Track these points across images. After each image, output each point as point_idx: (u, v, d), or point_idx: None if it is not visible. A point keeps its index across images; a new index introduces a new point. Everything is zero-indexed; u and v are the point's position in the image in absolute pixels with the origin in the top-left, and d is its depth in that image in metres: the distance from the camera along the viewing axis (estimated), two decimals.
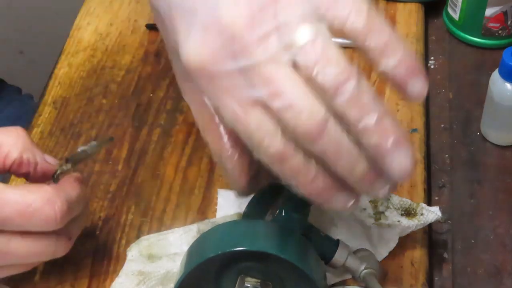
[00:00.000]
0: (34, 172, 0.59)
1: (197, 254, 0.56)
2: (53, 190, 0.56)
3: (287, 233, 0.57)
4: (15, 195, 0.55)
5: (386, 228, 0.67)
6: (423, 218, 0.67)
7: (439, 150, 0.77)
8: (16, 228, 0.56)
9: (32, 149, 0.59)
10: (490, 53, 0.86)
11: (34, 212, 0.55)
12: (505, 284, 0.67)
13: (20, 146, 0.58)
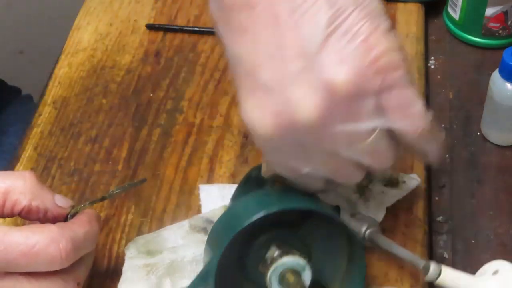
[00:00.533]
0: (44, 218, 0.58)
1: (232, 226, 0.56)
2: (58, 229, 0.55)
3: (311, 196, 0.58)
4: (19, 237, 0.54)
5: (372, 201, 0.68)
6: (405, 186, 0.69)
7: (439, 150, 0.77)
8: (21, 270, 0.55)
9: (42, 195, 0.57)
10: (490, 53, 0.86)
11: (39, 252, 0.54)
12: None
13: (28, 192, 0.57)
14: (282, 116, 0.49)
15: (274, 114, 0.49)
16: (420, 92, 0.80)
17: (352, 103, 0.48)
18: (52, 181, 0.74)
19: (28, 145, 0.77)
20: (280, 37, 0.48)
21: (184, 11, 0.91)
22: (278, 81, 0.49)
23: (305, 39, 0.48)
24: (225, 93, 0.81)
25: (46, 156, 0.76)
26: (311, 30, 0.47)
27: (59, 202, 0.58)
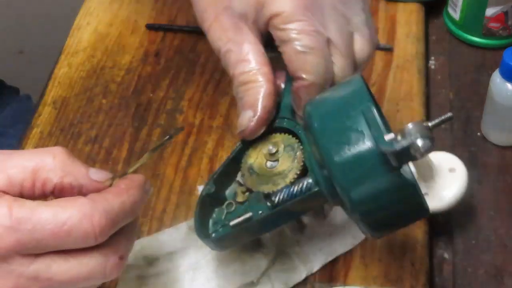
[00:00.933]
0: (80, 195, 0.52)
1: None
2: (89, 202, 0.50)
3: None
4: (47, 214, 0.49)
5: None
6: None
7: (439, 150, 0.77)
8: (53, 249, 0.50)
9: (74, 171, 0.52)
10: (491, 53, 0.86)
11: (70, 230, 0.49)
12: (505, 284, 0.67)
13: (59, 169, 0.52)
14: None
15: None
16: (420, 92, 0.80)
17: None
18: None
19: (28, 145, 0.77)
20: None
21: (184, 11, 0.91)
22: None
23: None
24: (225, 93, 0.81)
25: None
26: None
27: (95, 176, 0.53)
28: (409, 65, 0.83)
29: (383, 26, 0.88)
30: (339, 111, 0.53)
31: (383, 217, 0.53)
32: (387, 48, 0.85)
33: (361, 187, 0.51)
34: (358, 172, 0.51)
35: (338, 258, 0.67)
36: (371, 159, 0.51)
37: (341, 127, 0.52)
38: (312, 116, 0.53)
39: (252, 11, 0.59)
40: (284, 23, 0.58)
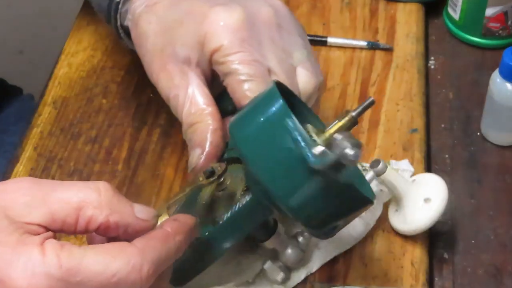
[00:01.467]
0: (124, 234, 0.50)
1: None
2: (139, 253, 0.48)
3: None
4: (97, 266, 0.47)
5: None
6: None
7: (439, 150, 0.77)
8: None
9: (120, 208, 0.50)
10: (490, 53, 0.86)
11: (118, 282, 0.47)
12: (505, 284, 0.67)
13: (105, 207, 0.49)
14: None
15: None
16: (420, 91, 0.80)
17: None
18: None
19: (28, 145, 0.77)
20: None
21: None
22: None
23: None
24: None
25: (46, 156, 0.76)
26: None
27: (141, 214, 0.51)
28: (409, 65, 0.83)
29: (383, 26, 0.88)
30: (262, 129, 0.52)
31: (327, 217, 0.53)
32: (387, 48, 0.85)
33: (297, 196, 0.51)
34: (292, 185, 0.51)
35: (338, 258, 0.67)
36: (301, 171, 0.50)
37: (267, 146, 0.51)
38: (235, 138, 0.53)
39: (194, 53, 0.61)
40: (224, 56, 0.60)
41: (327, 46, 0.86)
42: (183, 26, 0.62)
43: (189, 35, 0.62)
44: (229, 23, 0.60)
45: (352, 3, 0.90)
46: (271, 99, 0.52)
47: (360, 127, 0.77)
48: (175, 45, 0.62)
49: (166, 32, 0.63)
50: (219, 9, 0.61)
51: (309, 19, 0.89)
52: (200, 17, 0.62)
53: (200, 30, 0.61)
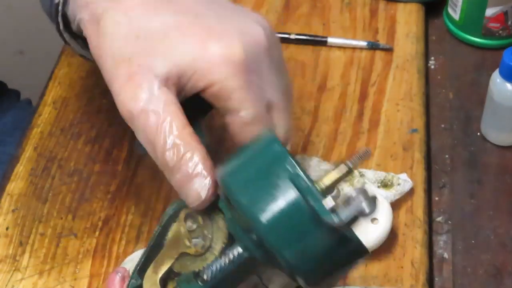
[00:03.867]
0: None
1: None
2: None
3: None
4: None
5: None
6: (400, 188, 0.70)
7: (439, 150, 0.77)
8: None
9: None
10: (490, 53, 0.86)
11: None
12: (505, 284, 0.67)
13: None
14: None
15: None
16: (420, 91, 0.81)
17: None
18: (52, 181, 0.74)
19: (28, 145, 0.77)
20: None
21: None
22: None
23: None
24: None
25: (46, 156, 0.76)
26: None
27: None
28: (409, 65, 0.83)
29: (383, 26, 0.88)
30: (262, 179, 0.50)
31: (324, 270, 0.51)
32: (387, 48, 0.85)
33: (297, 247, 0.49)
34: (292, 233, 0.48)
35: None
36: (309, 226, 0.48)
37: (268, 195, 0.49)
38: (231, 188, 0.51)
39: (175, 73, 0.55)
40: (225, 94, 0.55)
41: (327, 46, 0.86)
42: (168, 40, 0.56)
43: (177, 53, 0.56)
44: (230, 58, 0.55)
45: (352, 3, 0.90)
46: (272, 148, 0.51)
47: (360, 127, 0.77)
48: (152, 56, 0.55)
49: (141, 38, 0.56)
50: (217, 39, 0.56)
51: (309, 19, 0.89)
52: (193, 40, 0.56)
53: (195, 55, 0.55)
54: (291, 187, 0.48)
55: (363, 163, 0.53)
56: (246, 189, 0.50)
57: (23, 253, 0.68)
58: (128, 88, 0.55)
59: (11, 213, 0.71)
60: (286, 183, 0.49)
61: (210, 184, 0.53)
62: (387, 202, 0.67)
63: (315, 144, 0.76)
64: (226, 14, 0.59)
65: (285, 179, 0.49)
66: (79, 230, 0.70)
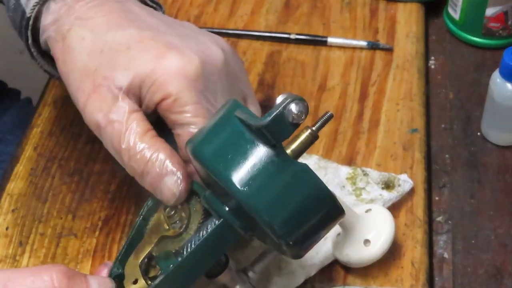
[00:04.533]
0: None
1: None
2: None
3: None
4: None
5: (369, 203, 0.68)
6: (400, 189, 0.70)
7: (440, 150, 0.77)
8: None
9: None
10: (491, 53, 0.86)
11: None
12: (505, 284, 0.67)
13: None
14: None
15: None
16: (420, 91, 0.81)
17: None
18: (52, 181, 0.74)
19: (28, 145, 0.77)
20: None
21: (184, 11, 0.91)
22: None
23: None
24: None
25: (46, 156, 0.76)
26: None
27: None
28: (409, 65, 0.83)
29: (383, 26, 0.88)
30: (227, 142, 0.52)
31: (297, 222, 0.52)
32: (387, 48, 0.85)
33: (264, 192, 0.51)
34: (254, 177, 0.51)
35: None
36: (260, 158, 0.51)
37: (227, 147, 0.52)
38: (203, 160, 0.53)
39: (137, 84, 0.57)
40: (179, 106, 0.57)
41: (327, 46, 0.86)
42: (131, 52, 0.58)
43: (138, 64, 0.58)
44: (187, 71, 0.57)
45: (352, 3, 0.90)
46: (231, 110, 0.53)
47: (360, 127, 0.77)
48: (115, 68, 0.58)
49: (105, 52, 0.58)
50: (176, 53, 0.58)
51: (309, 19, 0.89)
52: (154, 52, 0.58)
53: (155, 67, 0.57)
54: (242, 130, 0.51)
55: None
56: (216, 156, 0.52)
57: (23, 253, 0.68)
58: (93, 100, 0.57)
59: (11, 213, 0.71)
60: (243, 136, 0.51)
61: (181, 179, 0.55)
62: (390, 216, 0.66)
63: (315, 144, 0.75)
64: (187, 33, 0.62)
65: (239, 130, 0.51)
66: (79, 230, 0.70)
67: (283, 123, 0.50)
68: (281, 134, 0.50)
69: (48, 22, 0.61)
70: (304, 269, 0.65)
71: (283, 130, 0.50)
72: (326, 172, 0.71)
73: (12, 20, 0.65)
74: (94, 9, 0.61)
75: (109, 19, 0.60)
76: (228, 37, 0.87)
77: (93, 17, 0.60)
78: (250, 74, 0.83)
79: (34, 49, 0.64)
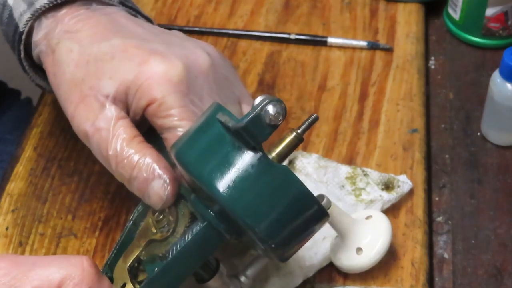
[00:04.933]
0: None
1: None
2: None
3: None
4: None
5: (369, 203, 0.68)
6: (400, 190, 0.70)
7: (440, 150, 0.77)
8: None
9: (100, 286, 0.51)
10: (491, 53, 0.86)
11: None
12: (505, 284, 0.67)
13: (85, 284, 0.50)
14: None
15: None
16: (420, 92, 0.81)
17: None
18: (52, 181, 0.74)
19: (28, 145, 0.77)
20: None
21: (184, 11, 0.91)
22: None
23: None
24: None
25: (46, 156, 0.76)
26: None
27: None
28: (409, 65, 0.83)
29: (383, 26, 0.88)
30: (210, 147, 0.52)
31: (276, 216, 0.51)
32: (387, 48, 0.85)
33: (247, 194, 0.51)
34: (237, 179, 0.51)
35: None
36: (243, 163, 0.51)
37: (208, 151, 0.52)
38: (186, 165, 0.53)
39: (122, 91, 0.58)
40: (165, 110, 0.57)
41: (327, 46, 0.86)
42: (115, 61, 0.59)
43: (122, 72, 0.59)
44: (170, 76, 0.58)
45: (352, 3, 0.90)
46: (214, 114, 0.53)
47: (360, 127, 0.77)
48: (101, 77, 0.59)
49: (91, 63, 0.60)
50: (160, 59, 0.59)
51: (309, 19, 0.89)
52: (138, 59, 0.59)
53: (138, 73, 0.58)
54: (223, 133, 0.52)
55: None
56: (198, 160, 0.52)
57: (23, 253, 0.68)
58: (80, 110, 0.59)
59: (11, 213, 0.71)
60: (225, 143, 0.51)
61: (168, 183, 0.56)
62: (389, 226, 0.65)
63: (315, 144, 0.76)
64: (172, 41, 0.63)
65: (222, 139, 0.52)
66: (79, 230, 0.70)
67: (261, 124, 0.50)
68: (260, 136, 0.50)
69: (39, 37, 0.63)
70: (303, 270, 0.65)
71: (261, 132, 0.50)
72: (326, 172, 0.71)
73: (5, 33, 0.66)
74: (81, 23, 0.62)
75: (95, 32, 0.61)
76: (228, 37, 0.87)
77: (80, 30, 0.62)
78: (250, 74, 0.83)
79: (26, 63, 0.65)
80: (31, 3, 0.63)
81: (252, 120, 0.50)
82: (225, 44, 0.87)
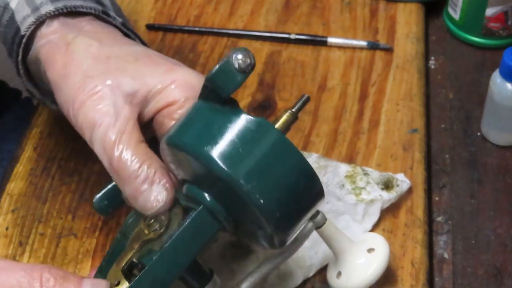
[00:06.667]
0: None
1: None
2: None
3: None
4: None
5: (369, 203, 0.68)
6: (399, 189, 0.70)
7: (440, 150, 0.77)
8: None
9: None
10: (491, 53, 0.86)
11: None
12: (505, 284, 0.67)
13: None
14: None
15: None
16: (420, 92, 0.81)
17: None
18: (52, 181, 0.74)
19: (28, 145, 0.77)
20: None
21: (184, 11, 0.91)
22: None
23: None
24: None
25: (46, 156, 0.76)
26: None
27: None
28: (409, 65, 0.83)
29: (383, 26, 0.88)
30: (188, 119, 0.54)
31: (283, 202, 0.52)
32: (387, 48, 0.85)
33: (253, 168, 0.51)
34: (232, 148, 0.51)
35: None
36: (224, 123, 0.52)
37: (194, 124, 0.53)
38: (182, 146, 0.53)
39: (143, 93, 0.59)
40: (182, 112, 0.58)
41: (327, 46, 0.86)
42: (139, 63, 0.60)
43: (146, 75, 0.59)
44: (194, 83, 0.59)
45: (352, 3, 0.90)
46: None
47: (361, 127, 0.77)
48: (122, 75, 0.59)
49: (112, 60, 0.60)
50: (184, 68, 0.60)
51: (309, 19, 0.89)
52: (164, 67, 0.60)
53: (165, 78, 0.59)
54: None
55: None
56: (186, 136, 0.53)
57: (23, 253, 0.68)
58: (93, 100, 0.58)
59: (11, 213, 0.71)
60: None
61: (167, 187, 0.56)
62: (384, 265, 0.63)
63: (315, 144, 0.76)
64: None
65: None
66: (79, 230, 0.70)
67: (230, 70, 0.51)
68: (230, 84, 0.51)
69: (51, 30, 0.63)
70: (303, 270, 0.65)
71: (231, 79, 0.51)
72: (325, 171, 0.71)
73: (3, 35, 0.66)
74: (99, 27, 0.63)
75: (114, 37, 0.63)
76: (228, 37, 0.87)
77: (99, 32, 0.62)
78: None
79: (22, 67, 0.65)
80: (36, 8, 0.63)
81: (221, 66, 0.51)
82: (225, 44, 0.87)
